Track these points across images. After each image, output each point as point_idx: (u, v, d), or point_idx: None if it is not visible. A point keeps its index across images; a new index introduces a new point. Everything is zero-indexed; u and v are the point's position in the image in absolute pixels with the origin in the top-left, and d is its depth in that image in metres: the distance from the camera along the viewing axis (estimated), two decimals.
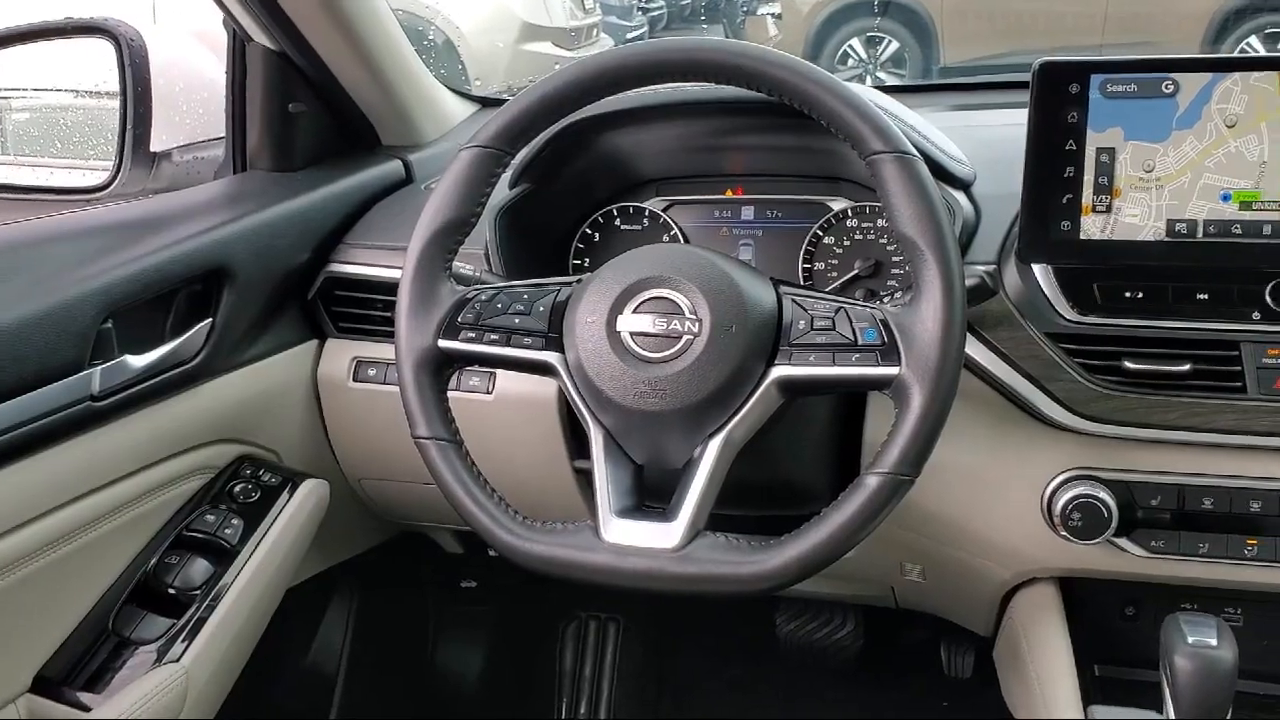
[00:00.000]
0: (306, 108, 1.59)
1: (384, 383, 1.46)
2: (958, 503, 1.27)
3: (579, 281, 1.11)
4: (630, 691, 2.09)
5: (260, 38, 1.52)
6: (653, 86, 1.21)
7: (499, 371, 1.38)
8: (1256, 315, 1.14)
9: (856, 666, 2.00)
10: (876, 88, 1.59)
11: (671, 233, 1.43)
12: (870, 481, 0.98)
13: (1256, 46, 5.58)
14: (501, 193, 1.37)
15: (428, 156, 1.70)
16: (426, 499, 1.39)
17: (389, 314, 1.32)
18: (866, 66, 6.05)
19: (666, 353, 1.03)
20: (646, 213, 1.44)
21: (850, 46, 6.09)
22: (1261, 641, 1.28)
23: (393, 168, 1.65)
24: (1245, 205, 1.11)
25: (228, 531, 1.36)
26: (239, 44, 1.55)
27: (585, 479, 1.39)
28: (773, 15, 6.32)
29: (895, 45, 6.02)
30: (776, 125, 1.31)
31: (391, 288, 1.30)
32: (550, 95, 1.10)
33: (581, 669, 2.10)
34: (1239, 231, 1.12)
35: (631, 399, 1.03)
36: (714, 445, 1.03)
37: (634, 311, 1.05)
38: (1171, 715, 1.02)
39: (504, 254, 1.34)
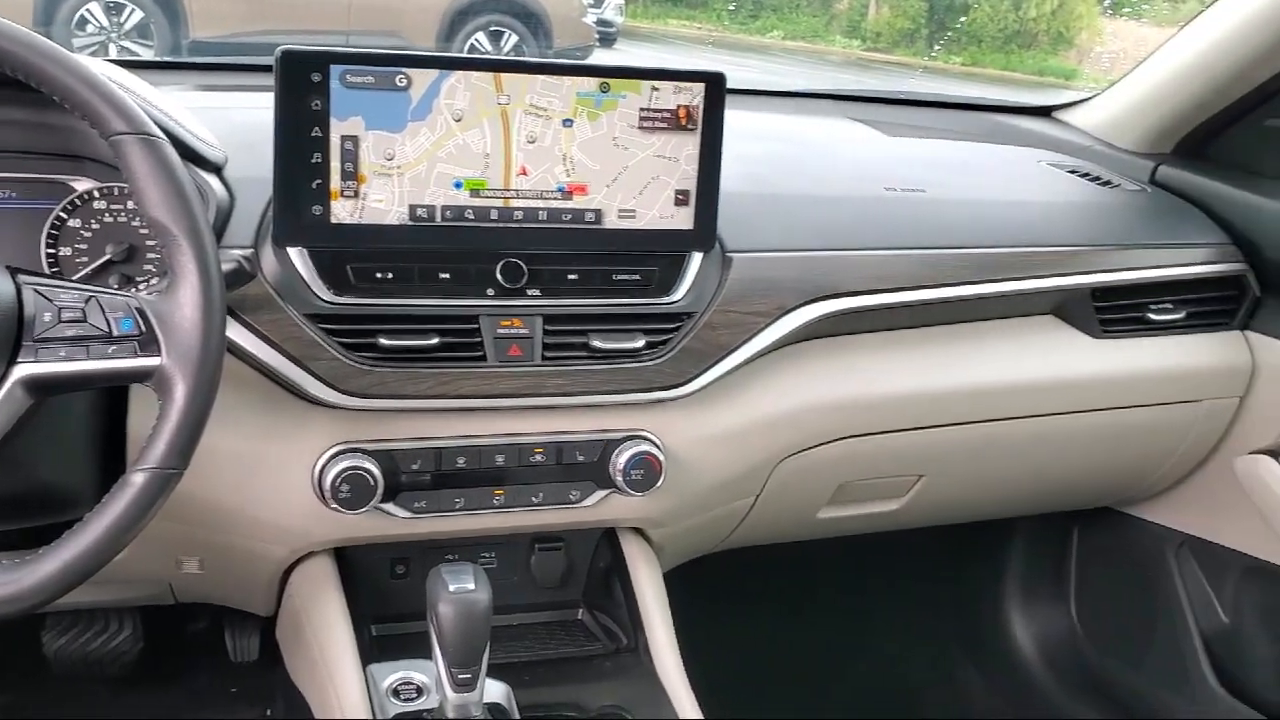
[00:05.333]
0: None
1: None
2: (232, 488, 1.27)
3: None
4: None
5: None
6: None
7: None
8: (491, 291, 1.28)
9: (138, 670, 1.90)
10: (120, 62, 1.51)
11: None
12: (136, 479, 0.95)
13: (483, 42, 6.20)
14: None
15: None
16: None
17: None
18: (109, 35, 5.63)
19: None
20: None
21: (89, 11, 5.63)
22: (511, 578, 1.46)
23: None
24: (475, 192, 1.24)
25: None
26: None
27: None
28: None
29: (140, 14, 5.68)
30: (5, 98, 1.19)
31: None
32: None
33: None
34: (471, 216, 1.25)
35: None
36: None
37: None
38: (439, 658, 1.13)
39: None
